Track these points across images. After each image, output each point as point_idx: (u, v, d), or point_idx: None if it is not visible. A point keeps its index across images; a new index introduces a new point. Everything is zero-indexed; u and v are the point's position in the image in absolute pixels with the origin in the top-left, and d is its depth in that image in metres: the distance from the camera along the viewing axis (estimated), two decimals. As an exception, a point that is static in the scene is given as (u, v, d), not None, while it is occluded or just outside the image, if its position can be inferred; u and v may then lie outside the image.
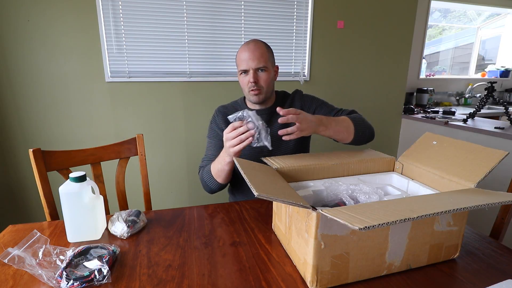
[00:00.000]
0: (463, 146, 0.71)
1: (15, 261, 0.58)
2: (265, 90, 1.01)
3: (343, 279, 0.55)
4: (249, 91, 1.00)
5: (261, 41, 1.01)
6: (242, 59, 0.98)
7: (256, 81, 0.98)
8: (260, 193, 0.47)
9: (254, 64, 0.97)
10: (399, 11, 2.20)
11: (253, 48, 0.97)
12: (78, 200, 0.68)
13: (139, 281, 0.57)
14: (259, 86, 0.99)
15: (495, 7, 2.98)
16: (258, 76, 0.99)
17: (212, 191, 1.01)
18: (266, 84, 1.00)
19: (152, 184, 1.91)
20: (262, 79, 0.99)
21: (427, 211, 0.45)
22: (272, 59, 1.03)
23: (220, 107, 1.13)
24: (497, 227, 0.91)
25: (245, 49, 0.98)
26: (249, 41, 1.00)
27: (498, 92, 3.22)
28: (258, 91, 0.99)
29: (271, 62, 1.01)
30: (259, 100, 1.02)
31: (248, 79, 0.98)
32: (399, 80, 2.35)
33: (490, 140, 1.78)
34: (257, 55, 0.96)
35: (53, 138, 1.78)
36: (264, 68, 0.98)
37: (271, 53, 1.02)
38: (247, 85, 1.00)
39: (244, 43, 1.00)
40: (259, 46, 0.98)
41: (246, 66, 0.98)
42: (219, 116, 1.09)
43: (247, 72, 0.99)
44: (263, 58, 0.97)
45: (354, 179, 0.79)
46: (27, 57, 1.65)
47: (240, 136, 0.78)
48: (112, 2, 1.69)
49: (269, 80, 1.00)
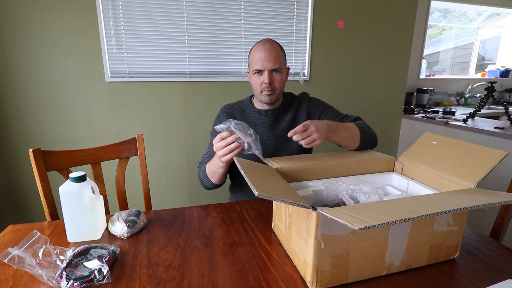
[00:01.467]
0: (463, 146, 0.71)
1: (15, 261, 0.58)
2: (278, 91, 1.01)
3: (343, 279, 0.55)
4: (261, 91, 1.00)
5: (276, 42, 1.00)
6: (258, 59, 0.97)
7: (271, 82, 0.98)
8: (260, 193, 0.47)
9: (270, 65, 0.96)
10: (399, 11, 2.20)
11: (270, 49, 0.96)
12: (78, 200, 0.68)
13: (139, 281, 0.57)
14: (273, 87, 0.99)
15: (495, 7, 2.98)
16: (273, 77, 0.98)
17: (208, 188, 1.02)
18: (280, 85, 1.00)
19: (152, 184, 1.91)
20: (277, 80, 0.99)
21: (427, 211, 0.45)
22: (285, 60, 1.02)
23: (226, 105, 1.13)
24: (497, 227, 0.91)
25: (261, 49, 0.97)
26: (265, 41, 0.99)
27: (498, 92, 3.22)
28: (271, 91, 0.99)
29: (284, 64, 1.01)
30: (271, 101, 1.02)
31: (262, 80, 0.97)
32: (399, 80, 2.35)
33: (490, 140, 1.78)
34: (273, 56, 0.96)
35: (53, 138, 1.78)
36: (279, 69, 0.98)
37: (284, 54, 1.02)
38: (260, 85, 0.99)
39: (259, 42, 0.99)
40: (275, 47, 0.97)
41: (261, 67, 0.96)
42: (223, 115, 1.09)
43: (261, 72, 0.98)
44: (278, 59, 0.97)
45: (354, 179, 0.79)
46: (27, 57, 1.65)
47: (229, 146, 0.77)
48: (112, 2, 1.69)
49: (283, 82, 1.00)
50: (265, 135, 1.05)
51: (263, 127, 1.06)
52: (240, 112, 1.09)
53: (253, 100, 1.11)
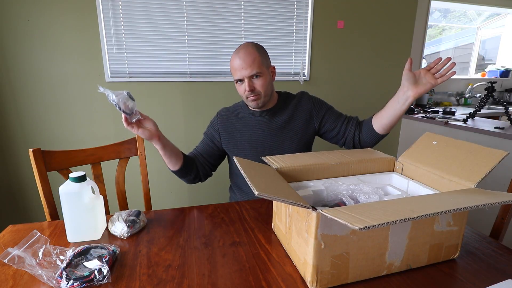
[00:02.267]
0: (463, 146, 0.71)
1: (15, 261, 0.58)
2: (263, 95, 0.99)
3: (343, 279, 0.55)
4: (246, 98, 1.00)
5: (252, 45, 0.97)
6: (235, 69, 0.96)
7: (252, 89, 0.96)
8: (260, 192, 0.47)
9: (247, 73, 0.95)
10: (399, 11, 2.20)
11: (244, 56, 0.94)
12: (78, 200, 0.68)
13: (139, 281, 0.57)
14: (256, 92, 0.98)
15: (495, 7, 2.98)
16: (253, 83, 0.97)
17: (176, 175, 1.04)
18: (263, 89, 0.98)
19: (152, 184, 1.91)
20: (258, 85, 0.97)
21: (427, 211, 0.45)
22: (266, 61, 0.99)
23: (223, 109, 1.13)
24: (497, 227, 0.91)
25: (236, 58, 0.96)
26: (239, 48, 0.97)
27: (498, 92, 3.22)
28: (256, 97, 0.98)
29: (265, 66, 0.98)
30: (258, 106, 1.01)
31: (244, 88, 0.97)
32: (399, 80, 2.34)
33: (490, 140, 1.78)
34: (248, 62, 0.94)
35: (53, 138, 1.78)
36: (258, 74, 0.96)
37: (264, 55, 0.99)
38: (244, 93, 0.99)
39: (235, 51, 0.98)
40: (249, 52, 0.95)
41: (239, 76, 0.96)
42: (218, 119, 1.10)
43: (242, 81, 0.97)
44: (255, 64, 0.95)
45: (354, 179, 0.79)
46: (27, 57, 1.65)
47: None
48: (112, 2, 1.69)
49: (266, 84, 0.98)
50: (261, 135, 1.05)
51: (258, 127, 1.05)
52: (235, 114, 1.09)
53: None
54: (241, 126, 1.07)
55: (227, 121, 1.08)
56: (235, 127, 1.07)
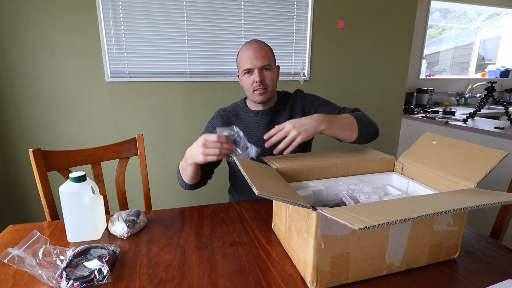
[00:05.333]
0: (463, 146, 0.71)
1: (15, 261, 0.58)
2: (270, 89, 1.00)
3: (343, 279, 0.55)
4: (253, 91, 0.99)
5: (263, 41, 1.01)
6: (246, 59, 0.96)
7: (263, 80, 0.97)
8: (260, 192, 0.47)
9: (259, 63, 0.96)
10: (399, 11, 2.20)
11: (257, 48, 0.96)
12: (78, 200, 0.68)
13: (139, 281, 0.57)
14: (265, 85, 0.98)
15: (495, 7, 2.98)
16: (263, 75, 0.98)
17: (185, 188, 1.00)
18: (271, 83, 0.99)
19: (152, 184, 1.91)
20: (268, 77, 0.98)
21: (427, 211, 0.45)
22: (274, 59, 1.03)
23: (221, 109, 1.12)
24: (497, 227, 0.91)
25: (248, 48, 0.97)
26: (251, 41, 0.99)
27: (498, 92, 3.22)
28: (264, 90, 0.98)
29: (274, 62, 1.02)
30: (264, 100, 1.01)
31: (253, 79, 0.97)
32: (399, 80, 2.35)
33: (490, 140, 1.78)
34: (262, 54, 0.96)
35: (53, 138, 1.78)
36: (268, 66, 0.98)
37: (272, 53, 1.02)
38: (251, 85, 0.98)
39: (246, 43, 1.00)
40: (262, 46, 0.98)
41: (250, 65, 0.96)
42: (218, 119, 1.08)
43: (251, 71, 0.97)
44: (267, 56, 0.97)
45: (354, 179, 0.79)
46: (27, 57, 1.65)
47: (221, 150, 0.75)
48: (112, 2, 1.69)
49: (274, 79, 1.00)
50: (261, 136, 1.05)
51: (258, 128, 1.05)
52: (235, 115, 1.09)
53: (247, 102, 1.10)
54: (241, 126, 1.06)
55: (227, 121, 1.08)
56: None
